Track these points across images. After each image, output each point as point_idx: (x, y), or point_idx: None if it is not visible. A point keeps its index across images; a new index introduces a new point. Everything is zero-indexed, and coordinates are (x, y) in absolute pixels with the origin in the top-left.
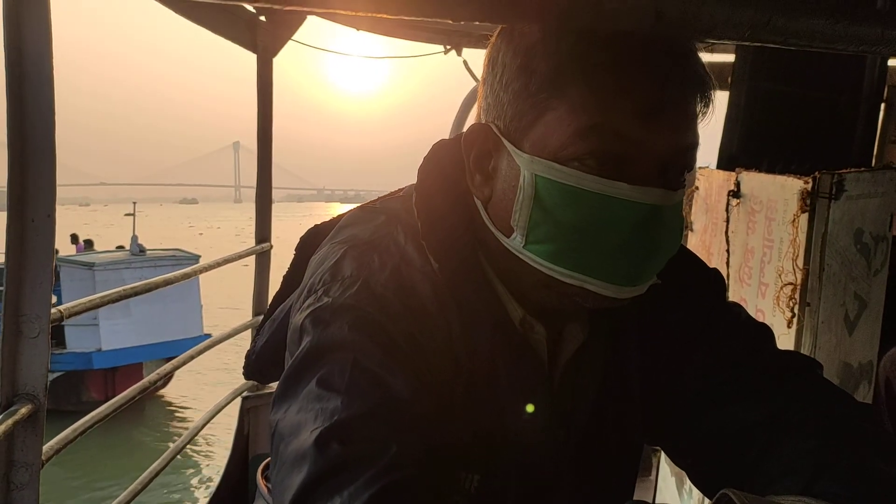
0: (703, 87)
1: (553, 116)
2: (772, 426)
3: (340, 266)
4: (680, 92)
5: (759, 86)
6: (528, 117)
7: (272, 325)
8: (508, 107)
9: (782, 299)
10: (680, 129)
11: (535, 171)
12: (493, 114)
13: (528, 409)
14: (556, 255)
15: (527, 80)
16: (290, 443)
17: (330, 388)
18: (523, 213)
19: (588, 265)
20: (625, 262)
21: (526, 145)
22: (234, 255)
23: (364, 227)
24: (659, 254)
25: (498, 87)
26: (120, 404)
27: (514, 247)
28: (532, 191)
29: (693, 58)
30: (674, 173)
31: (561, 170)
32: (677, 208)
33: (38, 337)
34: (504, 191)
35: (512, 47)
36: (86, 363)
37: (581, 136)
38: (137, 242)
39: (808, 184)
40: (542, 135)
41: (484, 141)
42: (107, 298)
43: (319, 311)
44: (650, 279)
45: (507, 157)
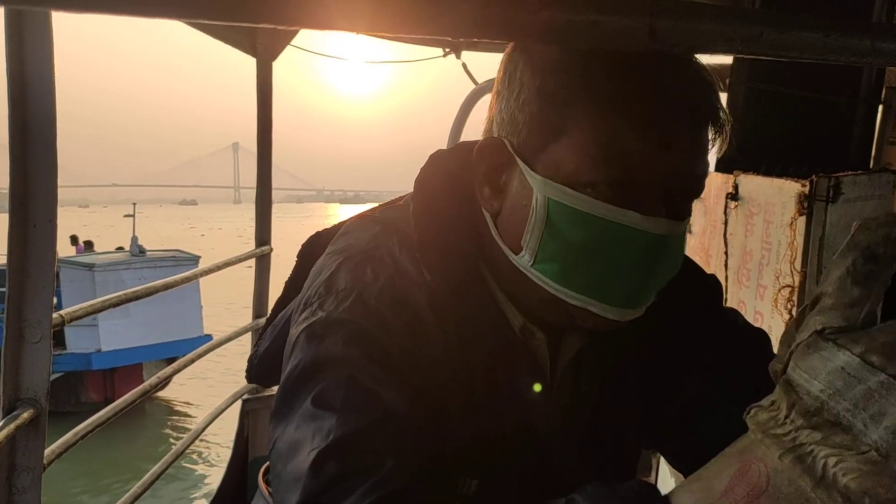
0: (717, 119)
1: (568, 142)
2: None
3: (335, 278)
4: (694, 123)
5: (757, 87)
6: (543, 139)
7: (274, 331)
8: (524, 127)
9: (780, 301)
10: (692, 160)
11: (547, 195)
12: (508, 130)
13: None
14: (563, 277)
15: (544, 102)
16: (287, 463)
17: (325, 406)
18: (535, 235)
19: (593, 288)
20: (628, 286)
21: (539, 166)
22: (234, 259)
23: (360, 237)
24: (661, 279)
25: (514, 105)
26: (121, 408)
27: (522, 265)
28: (544, 213)
29: (709, 89)
30: (682, 203)
31: (574, 195)
32: (682, 236)
33: (40, 342)
34: (514, 208)
35: (531, 67)
36: (85, 364)
37: (595, 164)
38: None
39: (806, 187)
40: (557, 158)
41: (496, 156)
42: (108, 302)
43: (314, 326)
44: (650, 301)
45: (519, 175)
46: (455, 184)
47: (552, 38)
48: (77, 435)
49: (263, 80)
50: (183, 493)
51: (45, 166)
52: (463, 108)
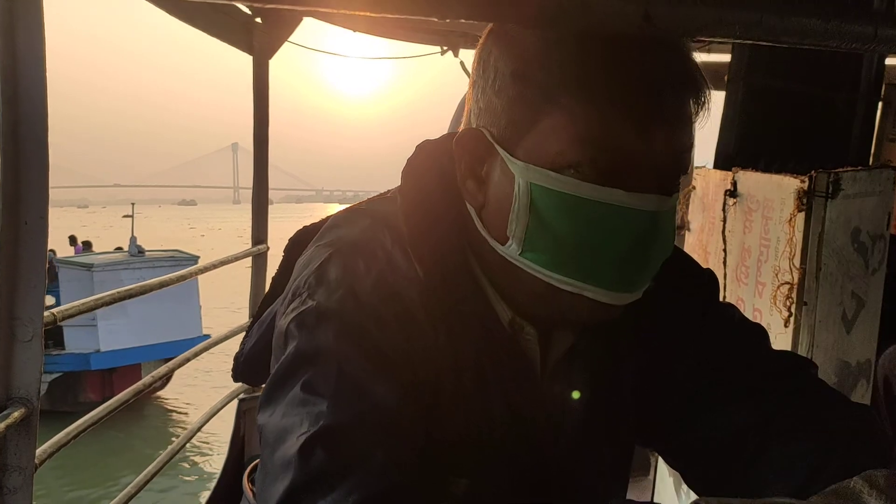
0: (698, 90)
1: (548, 124)
2: (765, 428)
3: (325, 269)
4: (675, 98)
5: (756, 83)
6: (522, 125)
7: (260, 327)
8: (503, 113)
9: (779, 298)
10: (676, 134)
11: (529, 180)
12: (486, 119)
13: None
14: (554, 263)
15: (521, 87)
16: (276, 449)
17: (315, 393)
18: (520, 223)
19: (586, 272)
20: (622, 268)
21: (520, 153)
22: (230, 257)
23: (350, 230)
24: (655, 259)
25: (490, 92)
26: (114, 407)
27: (510, 255)
28: (527, 199)
29: (689, 62)
30: (669, 178)
31: (556, 178)
32: (671, 212)
33: (32, 340)
34: (498, 198)
35: (505, 53)
36: (84, 364)
37: (577, 145)
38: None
39: (805, 183)
40: (537, 143)
41: (477, 148)
42: (101, 301)
43: (304, 316)
44: (646, 284)
45: (500, 164)
46: (445, 175)
47: (544, 21)
48: (69, 435)
49: (260, 77)
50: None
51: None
52: (460, 105)
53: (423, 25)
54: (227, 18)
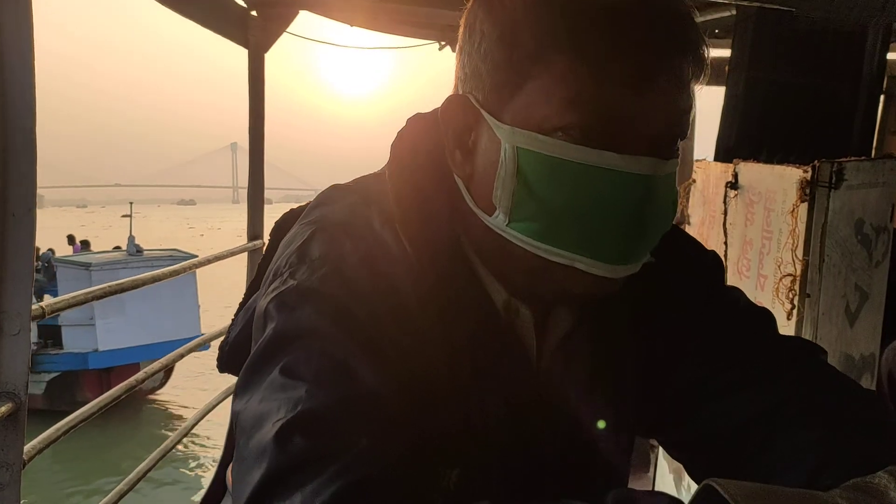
0: (696, 51)
1: (536, 86)
2: (773, 417)
3: (308, 247)
4: (671, 57)
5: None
6: (508, 88)
7: (246, 314)
8: (487, 77)
9: (782, 291)
10: (672, 95)
11: (516, 144)
12: (471, 84)
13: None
14: (543, 233)
15: (507, 49)
16: (251, 436)
17: (295, 376)
18: (506, 189)
19: (577, 242)
20: (616, 237)
21: (507, 117)
22: (225, 252)
23: (335, 207)
24: (652, 228)
25: (476, 56)
26: (105, 403)
27: (497, 225)
28: (514, 165)
29: (685, 20)
30: (666, 141)
31: (544, 141)
32: (670, 179)
33: (19, 334)
34: (485, 167)
35: (491, 15)
36: (81, 363)
37: (566, 106)
38: (134, 243)
39: (808, 173)
40: (525, 105)
41: (463, 115)
42: (91, 295)
43: (285, 296)
44: (643, 257)
45: (487, 131)
46: (436, 150)
47: None
48: (59, 430)
49: (256, 71)
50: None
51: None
52: None
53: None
54: (221, 10)
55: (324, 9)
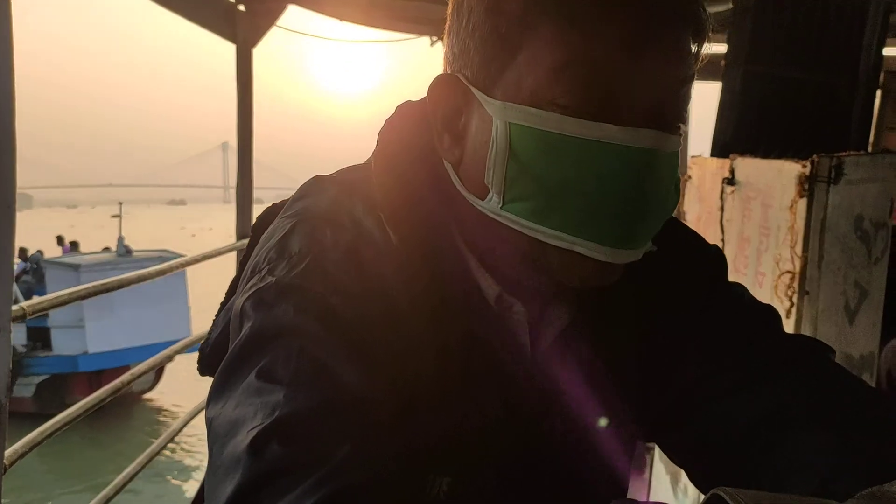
0: (696, 14)
1: (526, 56)
2: (780, 418)
3: (288, 241)
4: (669, 20)
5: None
6: (498, 61)
7: (226, 315)
8: (476, 53)
9: (780, 288)
10: (671, 61)
11: (508, 120)
12: (460, 62)
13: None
14: (539, 213)
15: (495, 21)
16: (225, 444)
17: (272, 379)
18: (498, 169)
19: (575, 223)
20: (616, 217)
21: (497, 93)
22: (213, 252)
23: (317, 199)
24: (653, 210)
25: (464, 33)
26: (90, 406)
27: (491, 209)
28: (506, 142)
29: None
30: (668, 113)
31: (538, 114)
32: (673, 159)
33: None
34: (476, 148)
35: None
36: (71, 366)
37: (559, 74)
38: (124, 244)
39: (807, 168)
40: (516, 78)
41: (452, 95)
42: (74, 295)
43: (262, 293)
44: (645, 242)
45: (478, 110)
46: (423, 136)
47: None
48: (43, 434)
49: (244, 67)
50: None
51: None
52: None
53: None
54: (208, 5)
55: (313, 3)
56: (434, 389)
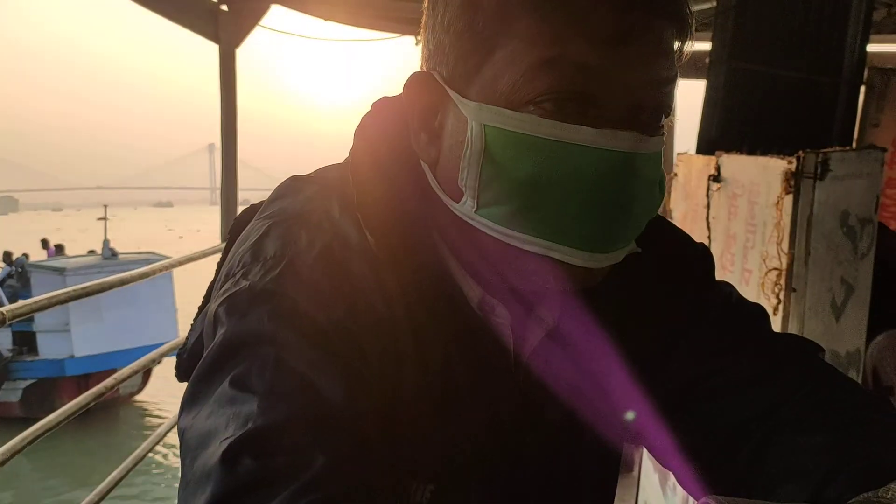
0: (678, 11)
1: (502, 55)
2: (771, 420)
3: (262, 245)
4: (649, 15)
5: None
6: (473, 59)
7: (203, 319)
8: (451, 50)
9: (767, 285)
10: (652, 59)
11: (483, 121)
12: (436, 60)
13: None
14: (514, 219)
15: (470, 17)
16: (196, 457)
17: (245, 388)
18: (472, 171)
19: (552, 228)
20: (594, 223)
21: (473, 92)
22: (198, 254)
23: (293, 200)
24: (635, 212)
25: (439, 28)
26: (75, 410)
27: (465, 212)
28: (481, 144)
29: None
30: (649, 115)
31: (513, 116)
32: (655, 159)
33: None
34: (452, 149)
35: None
36: (58, 370)
37: (535, 74)
38: (109, 246)
39: (792, 164)
40: (491, 78)
41: (428, 93)
42: (55, 299)
43: (235, 298)
44: (627, 244)
45: (453, 110)
46: (401, 134)
47: None
48: (24, 441)
49: (227, 67)
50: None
51: None
52: None
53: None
54: (190, 4)
55: (297, 3)
56: (414, 398)
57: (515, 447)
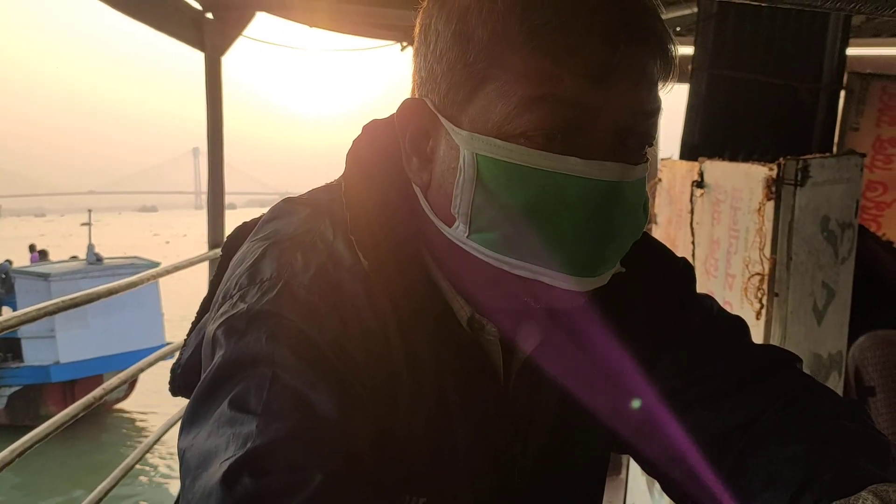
0: (662, 46)
1: (493, 87)
2: (750, 430)
3: (259, 267)
4: (635, 50)
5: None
6: (465, 90)
7: (198, 335)
8: (443, 79)
9: (750, 290)
10: (637, 92)
11: (475, 150)
12: (428, 87)
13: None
14: (505, 245)
15: (462, 48)
16: (197, 477)
17: (244, 409)
18: (465, 199)
19: (541, 254)
20: (582, 248)
21: (465, 121)
22: (184, 262)
23: (288, 222)
24: (620, 238)
25: (431, 57)
26: (63, 422)
27: (457, 237)
28: (473, 172)
29: (650, 14)
30: (633, 144)
31: (504, 146)
32: (639, 185)
33: None
34: (443, 174)
35: (445, 12)
36: (43, 377)
37: (525, 108)
38: (94, 251)
39: (773, 171)
40: (483, 109)
41: (419, 118)
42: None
43: (233, 320)
44: (612, 267)
45: (445, 137)
46: (392, 156)
47: None
48: (14, 452)
49: (213, 75)
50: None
51: None
52: None
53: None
54: (176, 13)
55: (282, 10)
56: (407, 414)
57: (505, 459)
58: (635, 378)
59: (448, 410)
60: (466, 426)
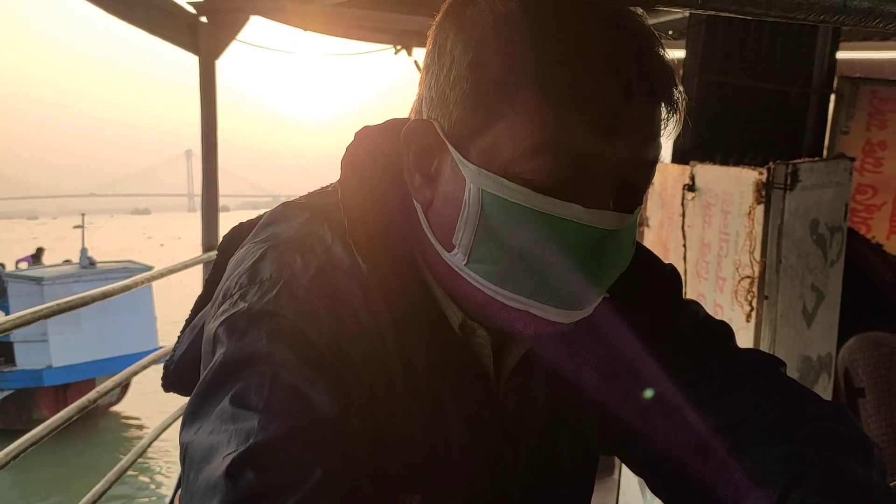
0: (671, 99)
1: (504, 126)
2: (737, 432)
3: (259, 268)
4: (645, 102)
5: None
6: (475, 121)
7: (192, 333)
8: (455, 107)
9: (740, 293)
10: (643, 143)
11: (482, 186)
12: (438, 111)
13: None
14: (501, 278)
15: (477, 79)
16: (200, 470)
17: (245, 405)
18: (468, 230)
19: (535, 289)
20: (574, 286)
21: (473, 153)
22: (178, 265)
23: (287, 225)
24: (610, 276)
25: (444, 82)
26: (56, 426)
27: (455, 263)
28: (478, 207)
29: (664, 67)
30: (632, 194)
31: (510, 187)
32: (632, 229)
33: None
34: (446, 199)
35: (462, 38)
36: (36, 381)
37: (534, 154)
38: (87, 255)
39: (763, 175)
40: (492, 145)
41: (425, 137)
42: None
43: (234, 319)
44: (598, 300)
45: (451, 163)
46: (388, 164)
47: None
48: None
49: (207, 79)
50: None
51: None
52: None
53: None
54: (170, 17)
55: (276, 14)
56: (402, 413)
57: (498, 460)
58: (624, 381)
59: (442, 411)
60: (460, 427)
